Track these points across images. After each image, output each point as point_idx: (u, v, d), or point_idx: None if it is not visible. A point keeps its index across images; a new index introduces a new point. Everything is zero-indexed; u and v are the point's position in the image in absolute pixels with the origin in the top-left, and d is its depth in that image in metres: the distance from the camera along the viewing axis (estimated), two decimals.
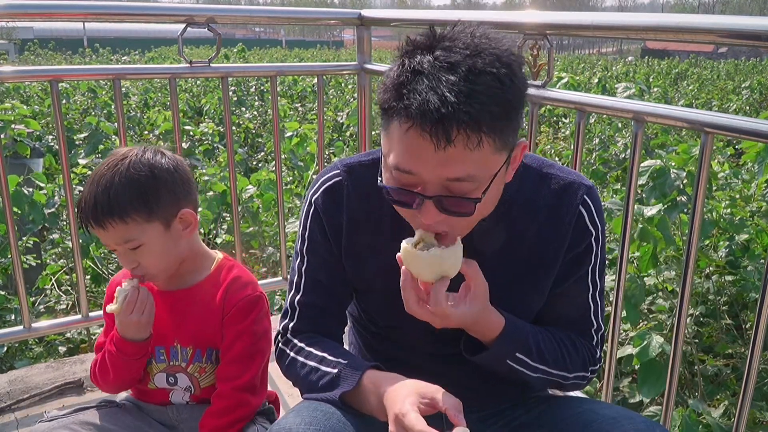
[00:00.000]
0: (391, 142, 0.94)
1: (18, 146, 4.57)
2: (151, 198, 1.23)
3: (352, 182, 1.14)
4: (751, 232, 2.99)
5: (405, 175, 0.94)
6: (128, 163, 1.23)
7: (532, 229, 1.11)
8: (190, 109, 9.75)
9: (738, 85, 16.51)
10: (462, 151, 0.89)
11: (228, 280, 1.34)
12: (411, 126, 0.89)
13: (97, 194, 1.21)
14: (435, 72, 0.88)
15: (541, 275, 1.13)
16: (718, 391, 2.86)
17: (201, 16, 1.99)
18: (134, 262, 1.25)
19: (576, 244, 1.12)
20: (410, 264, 0.98)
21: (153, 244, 1.24)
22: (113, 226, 1.21)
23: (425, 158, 0.90)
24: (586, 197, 1.11)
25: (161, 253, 1.27)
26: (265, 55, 29.42)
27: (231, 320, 1.32)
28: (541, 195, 1.11)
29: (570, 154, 5.84)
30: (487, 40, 0.92)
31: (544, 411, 1.16)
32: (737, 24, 1.25)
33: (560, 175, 1.13)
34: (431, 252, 0.95)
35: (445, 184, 0.92)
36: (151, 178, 1.24)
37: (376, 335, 1.24)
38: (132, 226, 1.22)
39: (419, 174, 0.92)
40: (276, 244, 4.14)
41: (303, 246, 1.19)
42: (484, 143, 0.89)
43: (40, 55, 26.16)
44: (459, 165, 0.90)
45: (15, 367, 2.84)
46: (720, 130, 1.38)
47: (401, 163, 0.93)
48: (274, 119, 2.38)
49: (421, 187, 0.94)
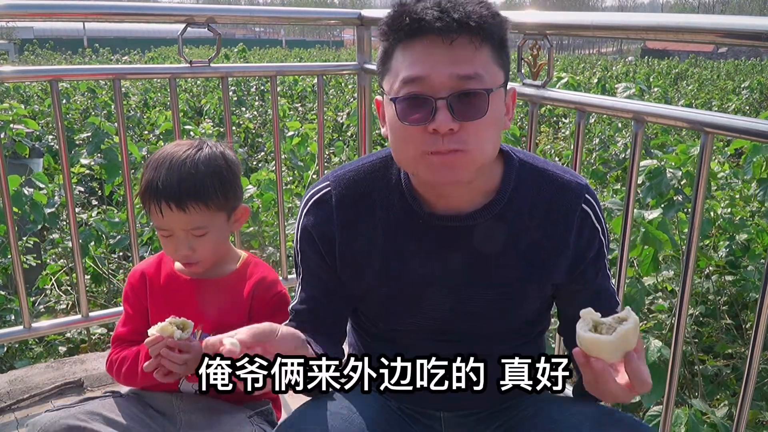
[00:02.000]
0: (397, 67, 0.99)
1: (17, 146, 4.57)
2: (229, 189, 1.31)
3: (342, 190, 1.13)
4: (751, 231, 2.99)
5: (416, 86, 0.96)
6: (208, 152, 1.29)
7: (532, 225, 1.11)
8: (190, 109, 9.75)
9: (738, 85, 16.51)
10: (467, 47, 0.95)
11: (256, 276, 1.39)
12: (417, 36, 0.97)
13: (182, 177, 1.25)
14: None
15: (542, 273, 1.12)
16: (718, 391, 2.86)
17: (201, 16, 1.99)
18: (191, 248, 1.29)
19: (588, 245, 1.13)
20: (597, 351, 0.94)
21: (215, 232, 1.30)
22: (195, 210, 1.25)
23: (434, 58, 0.95)
24: (588, 196, 1.12)
25: (218, 243, 1.33)
26: (265, 55, 29.43)
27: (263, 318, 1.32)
28: (539, 192, 1.11)
29: (570, 154, 5.84)
30: None
31: (537, 412, 1.16)
32: (737, 24, 1.25)
33: (558, 173, 1.13)
34: (619, 331, 0.93)
35: (456, 84, 0.95)
36: (228, 171, 1.31)
37: (375, 337, 1.24)
38: (209, 213, 1.27)
39: (430, 78, 0.95)
40: (276, 244, 4.14)
41: (297, 258, 1.20)
42: (484, 46, 0.97)
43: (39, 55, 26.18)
44: (467, 63, 0.95)
45: (15, 367, 2.84)
46: (720, 130, 1.38)
47: (413, 71, 0.96)
48: (274, 119, 2.38)
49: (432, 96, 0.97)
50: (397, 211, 1.10)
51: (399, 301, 1.14)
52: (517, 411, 1.19)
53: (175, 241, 1.30)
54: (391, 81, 1.00)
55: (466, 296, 1.12)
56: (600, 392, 1.00)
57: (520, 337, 1.21)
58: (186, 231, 1.28)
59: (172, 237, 1.30)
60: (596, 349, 0.94)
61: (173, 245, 1.31)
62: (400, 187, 1.10)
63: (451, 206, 1.08)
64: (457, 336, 1.16)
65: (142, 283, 1.42)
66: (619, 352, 0.94)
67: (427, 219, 1.08)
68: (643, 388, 0.95)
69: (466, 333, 1.16)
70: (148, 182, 1.28)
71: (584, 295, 1.18)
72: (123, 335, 1.42)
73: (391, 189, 1.12)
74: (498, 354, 1.18)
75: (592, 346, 0.94)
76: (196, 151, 1.29)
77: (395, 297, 1.13)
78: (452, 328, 1.15)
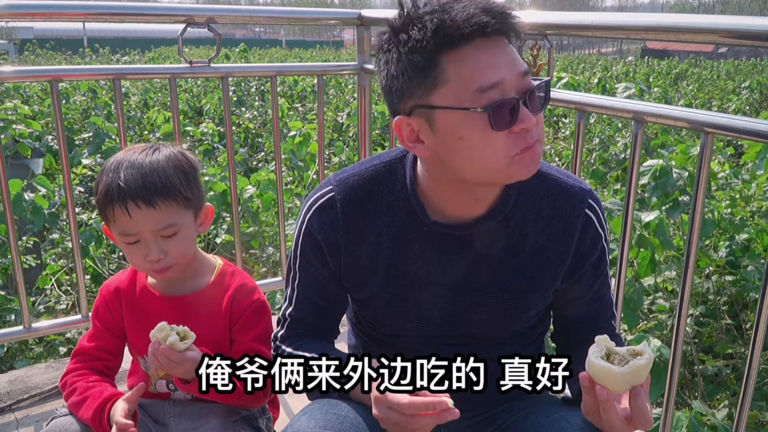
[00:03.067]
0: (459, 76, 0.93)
1: (19, 146, 4.57)
2: (193, 183, 1.25)
3: (346, 195, 1.12)
4: (751, 231, 2.99)
5: (495, 92, 0.93)
6: (167, 151, 1.25)
7: (536, 231, 1.11)
8: (191, 109, 9.75)
9: (738, 85, 16.51)
10: (513, 44, 0.96)
11: (234, 286, 1.33)
12: (469, 42, 0.93)
13: (145, 173, 1.19)
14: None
15: (544, 276, 1.12)
16: (718, 392, 2.87)
17: (201, 16, 1.99)
18: (163, 252, 1.21)
19: (591, 250, 1.13)
20: (605, 380, 0.94)
21: (185, 232, 1.24)
22: (165, 205, 1.19)
23: (502, 59, 0.94)
24: (591, 201, 1.12)
25: (190, 242, 1.27)
26: (265, 55, 29.43)
27: (242, 327, 1.31)
28: (543, 197, 1.11)
29: (570, 154, 5.84)
30: None
31: (527, 415, 1.16)
32: (737, 24, 1.25)
33: (561, 178, 1.13)
34: (632, 365, 0.92)
35: (523, 83, 0.95)
36: (189, 166, 1.26)
37: (376, 341, 1.23)
38: (177, 209, 1.21)
39: (505, 81, 0.94)
40: (276, 244, 4.14)
41: (295, 262, 1.18)
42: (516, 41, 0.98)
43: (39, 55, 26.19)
44: (519, 59, 0.96)
45: (15, 367, 2.85)
46: (720, 130, 1.38)
47: (490, 78, 0.93)
48: (274, 119, 2.38)
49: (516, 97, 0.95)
50: (402, 218, 1.10)
51: (402, 306, 1.13)
52: (511, 414, 1.19)
53: (143, 246, 1.21)
54: (455, 92, 0.94)
55: (470, 302, 1.12)
56: (598, 419, 0.99)
57: (521, 339, 1.21)
58: (155, 232, 1.20)
59: (140, 243, 1.21)
60: (605, 378, 0.93)
61: (142, 252, 1.22)
62: (405, 194, 1.10)
63: (457, 213, 1.08)
64: (459, 340, 1.16)
65: (116, 299, 1.35)
66: (627, 385, 0.94)
67: (431, 225, 1.08)
68: (644, 425, 0.95)
69: (468, 337, 1.16)
70: (108, 185, 1.19)
71: (582, 302, 1.18)
72: (88, 350, 1.34)
73: (396, 195, 1.11)
74: (498, 356, 1.18)
75: (601, 374, 0.93)
76: (153, 151, 1.24)
77: (398, 302, 1.13)
78: (454, 332, 1.15)
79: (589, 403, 0.99)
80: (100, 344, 1.35)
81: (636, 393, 0.94)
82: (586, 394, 0.99)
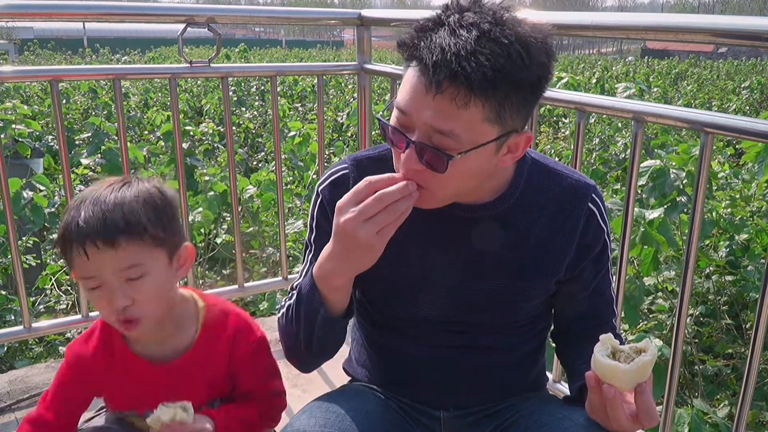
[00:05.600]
0: (402, 82, 0.99)
1: (19, 146, 4.57)
2: (165, 219, 1.09)
3: (359, 174, 1.14)
4: (751, 232, 2.99)
5: (402, 117, 0.97)
6: (137, 185, 1.10)
7: (540, 222, 1.12)
8: (191, 109, 9.75)
9: (738, 85, 16.52)
10: (449, 104, 0.91)
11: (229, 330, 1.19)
12: (415, 67, 0.94)
13: (107, 210, 1.04)
14: (454, 27, 0.92)
15: (548, 266, 1.14)
16: (718, 391, 2.87)
17: (201, 16, 1.99)
18: (129, 298, 1.05)
19: (593, 242, 1.14)
20: (612, 378, 0.95)
21: (156, 275, 1.07)
22: (128, 244, 1.03)
23: (418, 100, 0.94)
24: (595, 196, 1.14)
25: (161, 289, 1.10)
26: (266, 55, 29.44)
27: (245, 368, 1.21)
28: (549, 190, 1.13)
29: (570, 154, 5.84)
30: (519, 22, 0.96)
31: (530, 413, 1.16)
32: (737, 24, 1.25)
33: (567, 172, 1.15)
34: (638, 362, 0.94)
35: (430, 133, 0.95)
36: (163, 200, 1.11)
37: (379, 326, 1.24)
38: (144, 248, 1.06)
39: (410, 116, 0.95)
40: (276, 244, 4.14)
41: (311, 235, 1.20)
42: (473, 105, 0.91)
43: (40, 55, 26.20)
44: (445, 118, 0.92)
45: (15, 367, 2.85)
46: (720, 130, 1.38)
47: (400, 101, 0.97)
48: (274, 119, 2.38)
49: (412, 132, 0.97)
50: None
51: (403, 286, 1.15)
52: (513, 412, 1.19)
53: (107, 292, 1.05)
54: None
55: (472, 286, 1.13)
56: (604, 418, 1.00)
57: (524, 332, 1.22)
58: (117, 274, 1.04)
59: (103, 287, 1.05)
60: (612, 376, 0.94)
61: (106, 298, 1.05)
62: None
63: (467, 198, 1.10)
64: (460, 327, 1.17)
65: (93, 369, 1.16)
66: (633, 382, 0.95)
67: (436, 210, 1.09)
68: (650, 421, 0.96)
69: (470, 324, 1.17)
70: (67, 224, 1.05)
71: (582, 296, 1.19)
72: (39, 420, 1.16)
73: None
74: (501, 347, 1.19)
75: (608, 372, 0.94)
76: (121, 185, 1.09)
77: (402, 281, 1.14)
78: (456, 317, 1.16)
79: (596, 402, 0.99)
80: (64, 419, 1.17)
81: (641, 390, 0.95)
82: (592, 393, 0.99)
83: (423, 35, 0.94)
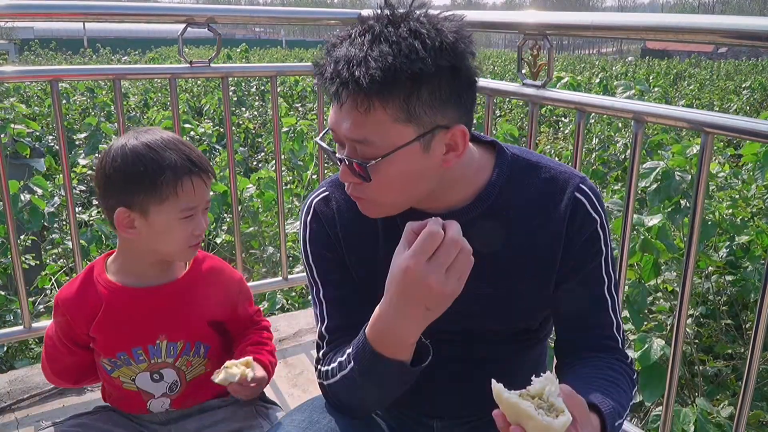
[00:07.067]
0: None
1: (17, 146, 4.57)
2: None
3: (339, 195, 1.13)
4: (752, 234, 2.99)
5: (334, 135, 0.99)
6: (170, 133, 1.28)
7: (526, 219, 1.08)
8: (191, 109, 9.74)
9: (738, 85, 16.52)
10: (355, 112, 0.92)
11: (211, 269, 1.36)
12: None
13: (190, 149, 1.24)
14: (355, 37, 0.93)
15: (538, 266, 1.09)
16: (718, 392, 2.87)
17: (201, 16, 1.99)
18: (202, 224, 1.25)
19: (580, 233, 1.08)
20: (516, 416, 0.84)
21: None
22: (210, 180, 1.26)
23: (335, 116, 0.96)
24: (582, 185, 1.09)
25: None
26: (266, 55, 29.44)
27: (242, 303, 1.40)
28: (531, 185, 1.09)
29: (570, 154, 5.84)
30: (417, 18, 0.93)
31: None
32: (737, 24, 1.25)
33: (551, 165, 1.11)
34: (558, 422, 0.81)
35: (353, 145, 0.95)
36: None
37: None
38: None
39: (337, 132, 0.97)
40: (276, 244, 4.14)
41: (312, 273, 1.16)
42: (375, 109, 0.91)
43: (40, 55, 26.18)
44: (356, 127, 0.93)
45: (15, 367, 2.84)
46: (720, 130, 1.38)
47: (329, 121, 0.99)
48: (275, 119, 2.38)
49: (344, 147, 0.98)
50: None
51: None
52: None
53: (193, 221, 1.23)
54: None
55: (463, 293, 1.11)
56: None
57: (522, 340, 1.18)
58: (204, 205, 1.26)
59: (193, 217, 1.23)
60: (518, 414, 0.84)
61: (191, 227, 1.23)
62: None
63: (443, 202, 1.07)
64: (458, 336, 1.14)
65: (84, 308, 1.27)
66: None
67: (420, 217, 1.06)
68: None
69: (466, 331, 1.14)
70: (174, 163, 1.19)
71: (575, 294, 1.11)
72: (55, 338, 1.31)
73: None
74: (500, 357, 1.16)
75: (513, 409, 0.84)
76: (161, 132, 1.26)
77: None
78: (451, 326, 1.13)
79: None
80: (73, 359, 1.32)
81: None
82: None
83: (330, 51, 0.94)
